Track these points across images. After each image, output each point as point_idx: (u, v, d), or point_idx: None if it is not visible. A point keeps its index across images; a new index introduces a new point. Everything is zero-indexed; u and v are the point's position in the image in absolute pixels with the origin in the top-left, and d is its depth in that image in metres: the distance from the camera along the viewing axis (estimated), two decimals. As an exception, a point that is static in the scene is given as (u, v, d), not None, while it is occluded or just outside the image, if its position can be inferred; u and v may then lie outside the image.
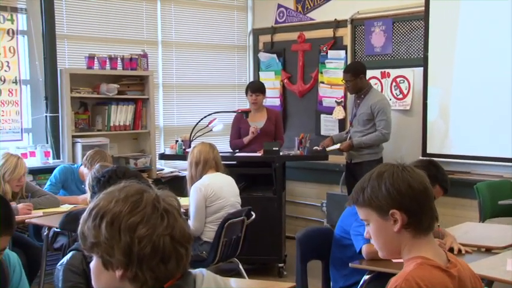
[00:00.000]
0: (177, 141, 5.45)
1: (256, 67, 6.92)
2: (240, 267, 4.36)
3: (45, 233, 4.21)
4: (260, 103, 5.64)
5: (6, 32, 5.13)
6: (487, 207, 4.68)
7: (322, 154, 5.35)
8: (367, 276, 3.00)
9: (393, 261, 2.37)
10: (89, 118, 5.50)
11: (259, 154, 5.28)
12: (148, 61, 5.79)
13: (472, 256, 3.08)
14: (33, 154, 5.21)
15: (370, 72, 5.59)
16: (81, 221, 1.38)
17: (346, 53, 6.11)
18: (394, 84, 5.75)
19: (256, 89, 5.62)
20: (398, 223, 1.62)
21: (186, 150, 5.17)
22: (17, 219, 4.07)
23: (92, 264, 1.39)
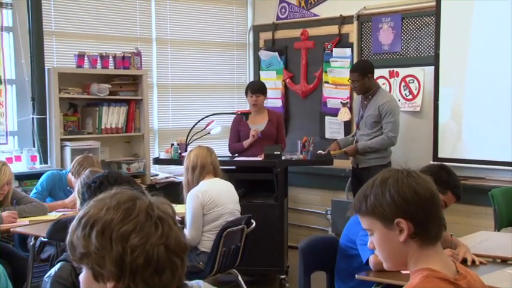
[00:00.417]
0: (172, 144, 5.46)
1: (257, 66, 6.93)
2: (240, 279, 4.37)
3: (32, 243, 4.20)
4: (261, 104, 5.65)
5: (-10, 28, 5.15)
6: (502, 215, 4.67)
7: (327, 158, 5.34)
8: (374, 289, 3.00)
9: (402, 272, 2.37)
10: (78, 120, 5.51)
11: (260, 158, 5.28)
12: (142, 60, 5.80)
13: (486, 267, 3.07)
14: (19, 159, 5.22)
15: (378, 72, 5.60)
16: (70, 230, 1.38)
17: (352, 51, 6.12)
18: (403, 84, 5.75)
19: (257, 89, 5.63)
20: (404, 233, 1.62)
21: (182, 154, 5.18)
22: (1, 228, 4.08)
23: (82, 276, 1.39)
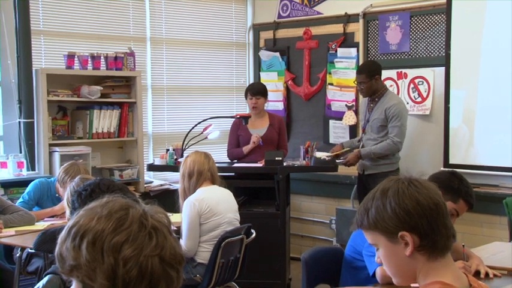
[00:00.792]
0: (167, 150, 5.46)
1: (257, 67, 6.94)
2: (239, 292, 4.37)
3: (18, 255, 4.19)
4: (261, 107, 5.65)
5: (-25, 27, 5.16)
6: (517, 224, 4.67)
7: (331, 165, 5.34)
8: (382, 303, 3.00)
9: (412, 286, 2.36)
10: (68, 124, 5.51)
11: (261, 165, 5.28)
12: (136, 60, 5.80)
13: (501, 280, 3.06)
14: (5, 165, 5.21)
15: (385, 73, 5.60)
16: (59, 240, 1.37)
17: (357, 51, 6.13)
18: (411, 86, 5.76)
19: (257, 91, 5.63)
20: (409, 246, 1.62)
21: (178, 160, 5.18)
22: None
23: (71, 290, 1.38)
